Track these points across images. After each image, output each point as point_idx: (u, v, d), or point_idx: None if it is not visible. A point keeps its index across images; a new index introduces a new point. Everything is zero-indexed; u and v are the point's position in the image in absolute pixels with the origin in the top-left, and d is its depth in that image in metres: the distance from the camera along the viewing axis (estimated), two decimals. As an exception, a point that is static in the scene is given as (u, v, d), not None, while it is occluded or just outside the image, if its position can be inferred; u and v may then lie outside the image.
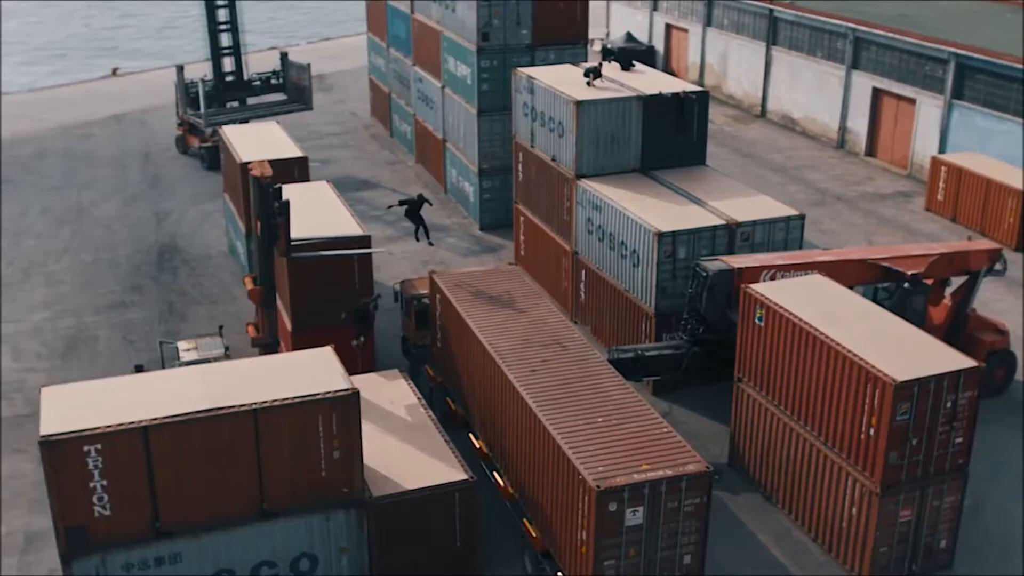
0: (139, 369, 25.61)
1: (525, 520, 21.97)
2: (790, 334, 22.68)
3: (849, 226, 41.51)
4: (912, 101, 47.07)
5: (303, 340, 26.21)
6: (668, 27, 66.59)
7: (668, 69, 64.08)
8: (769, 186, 43.90)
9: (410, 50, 48.15)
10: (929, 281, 27.81)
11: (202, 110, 46.46)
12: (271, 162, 33.03)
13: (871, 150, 50.33)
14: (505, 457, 23.00)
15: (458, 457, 21.89)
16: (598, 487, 18.61)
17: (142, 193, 45.80)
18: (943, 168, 41.88)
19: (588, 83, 32.43)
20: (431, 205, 31.03)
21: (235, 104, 49.01)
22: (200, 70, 49.94)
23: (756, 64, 57.86)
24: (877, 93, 49.37)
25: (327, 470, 19.72)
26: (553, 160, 33.20)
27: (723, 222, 28.29)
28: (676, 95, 31.86)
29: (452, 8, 41.61)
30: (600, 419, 20.62)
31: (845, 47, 50.73)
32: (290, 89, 49.81)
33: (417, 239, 29.73)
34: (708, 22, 62.07)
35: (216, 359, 25.16)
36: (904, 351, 21.17)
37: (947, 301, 28.60)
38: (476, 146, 40.47)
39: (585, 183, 31.34)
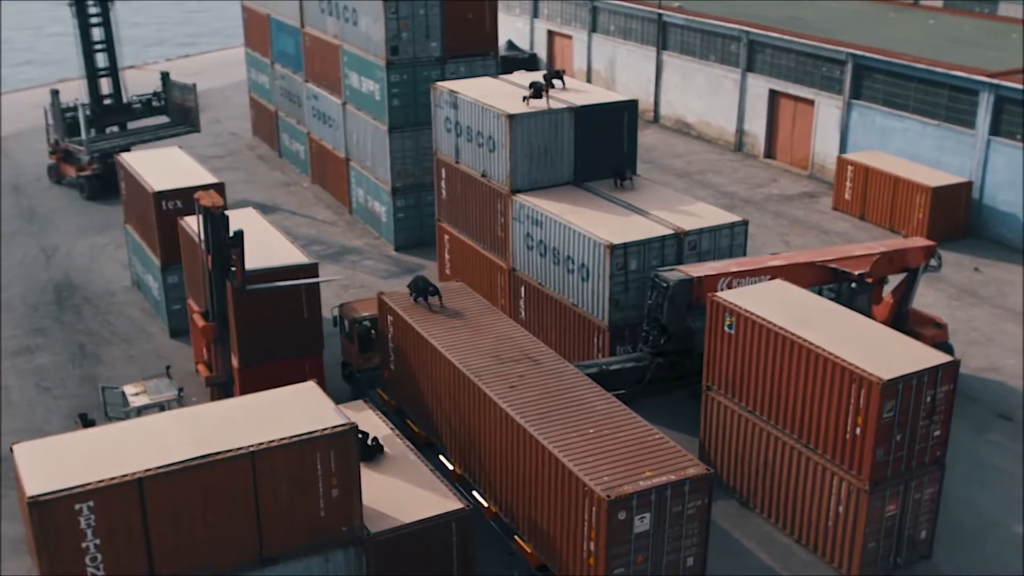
0: (83, 418, 25.03)
1: (516, 537, 22.41)
2: (765, 340, 23.84)
3: (762, 229, 43.40)
4: (810, 102, 49.60)
5: (252, 376, 26.08)
6: (551, 34, 68.07)
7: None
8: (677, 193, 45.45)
9: (301, 66, 47.97)
10: (869, 280, 29.54)
11: (83, 136, 45.11)
12: (186, 190, 33.06)
13: (770, 152, 52.74)
14: (488, 476, 23.39)
15: (447, 485, 22.21)
16: (608, 497, 19.22)
17: (20, 229, 44.14)
18: (849, 167, 44.32)
19: (524, 99, 33.04)
20: None
21: (115, 129, 47.78)
22: (69, 92, 48.50)
23: (646, 69, 59.77)
24: (774, 95, 51.81)
25: (326, 509, 19.77)
26: (483, 176, 33.75)
27: (671, 231, 29.39)
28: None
29: (353, 21, 41.74)
30: (592, 430, 21.28)
31: (739, 50, 53.03)
32: (174, 111, 48.90)
33: None
34: (593, 28, 63.76)
35: (170, 402, 24.72)
36: (880, 350, 22.58)
37: (888, 298, 30.42)
38: (388, 164, 40.68)
39: (522, 198, 32.01)
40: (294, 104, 50.00)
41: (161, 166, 35.09)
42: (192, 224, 30.12)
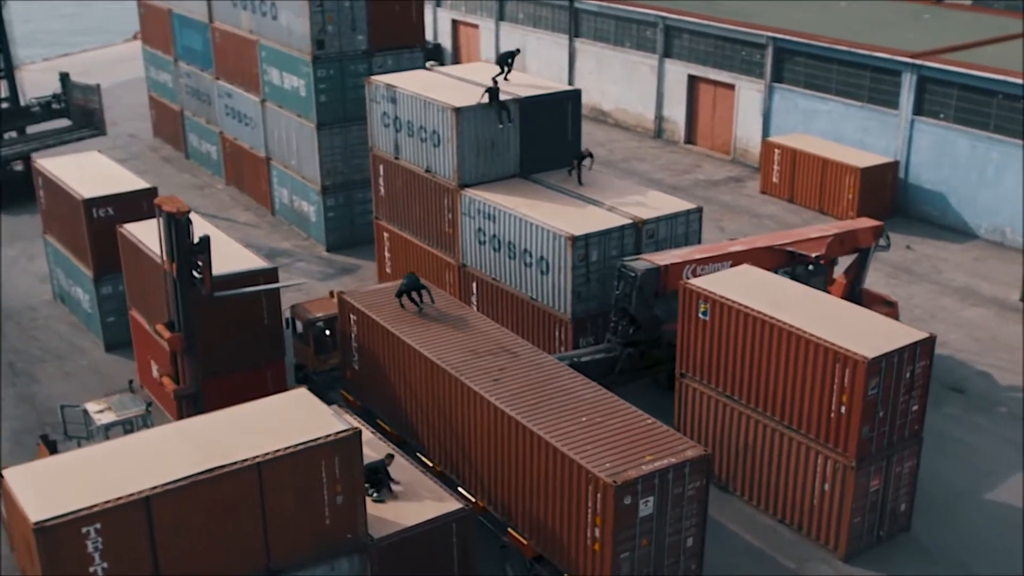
0: (44, 439, 24.65)
1: (510, 530, 22.99)
2: (742, 325, 24.87)
3: (695, 215, 44.67)
4: (731, 87, 51.22)
5: (216, 387, 25.98)
6: (455, 23, 68.53)
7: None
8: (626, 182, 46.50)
9: (210, 63, 47.42)
10: (823, 262, 30.91)
11: (-18, 143, 43.86)
12: (118, 196, 32.68)
13: (691, 138, 54.26)
14: (476, 471, 23.88)
15: (441, 485, 22.63)
16: (615, 482, 19.93)
17: (-83, 243, 42.67)
18: (776, 151, 45.99)
19: (502, 76, 33.96)
20: None
21: (13, 134, 46.51)
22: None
23: (559, 57, 60.73)
24: (693, 80, 53.31)
25: (331, 517, 19.98)
26: (428, 171, 34.09)
27: (630, 221, 30.26)
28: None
29: (272, 15, 41.52)
30: (584, 419, 22.00)
31: (656, 36, 54.38)
32: (76, 114, 47.88)
33: None
34: (501, 16, 64.44)
35: (139, 418, 24.52)
36: (858, 329, 23.83)
37: (841, 279, 31.88)
38: (317, 162, 40.66)
39: (472, 192, 32.48)
40: (203, 103, 49.38)
41: (85, 172, 34.44)
42: (135, 231, 29.83)
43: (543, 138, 34.02)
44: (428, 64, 39.87)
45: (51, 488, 18.26)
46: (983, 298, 36.68)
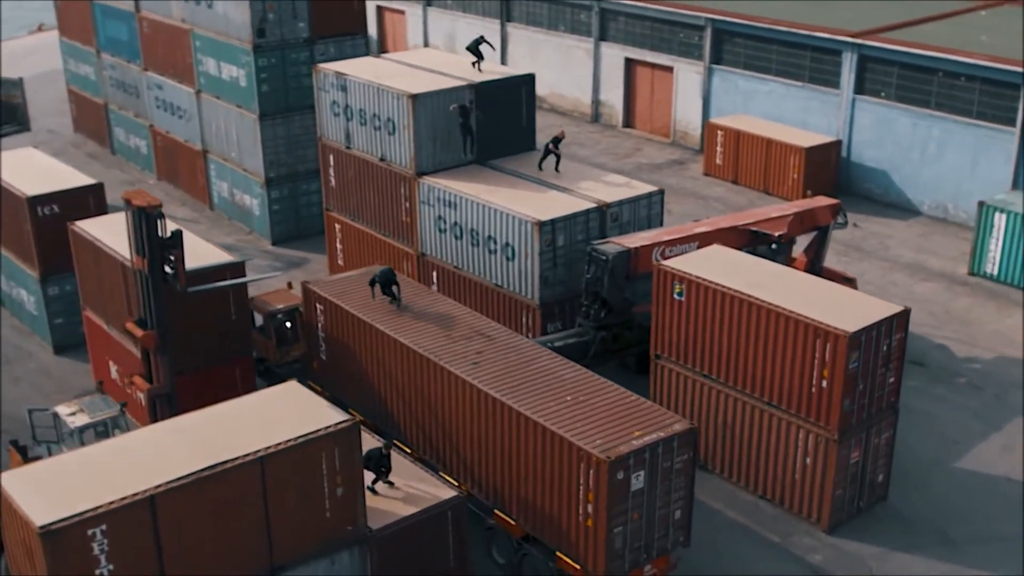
0: (15, 444, 24.40)
1: (497, 512, 23.52)
2: (720, 304, 25.65)
3: (641, 198, 45.52)
4: (669, 69, 52.18)
5: (185, 385, 25.94)
6: (380, 9, 68.44)
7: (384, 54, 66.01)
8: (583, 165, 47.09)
9: (138, 54, 46.85)
10: (784, 240, 31.92)
11: (-98, 142, 42.76)
12: (63, 192, 32.36)
13: (629, 121, 55.14)
14: (459, 455, 24.33)
15: (431, 472, 23.04)
16: (608, 458, 20.58)
17: None
18: (719, 132, 47.05)
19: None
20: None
21: (-68, 133, 45.47)
22: None
23: (491, 42, 60.96)
24: (630, 63, 54.17)
25: (331, 510, 20.21)
26: (382, 160, 34.29)
27: (594, 205, 30.87)
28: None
29: (208, 4, 41.23)
30: (569, 398, 22.66)
31: (591, 19, 55.11)
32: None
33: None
34: (428, 2, 64.59)
35: (114, 419, 24.41)
36: (835, 304, 24.78)
37: (801, 258, 32.92)
38: (260, 154, 40.54)
39: (430, 180, 32.79)
40: (130, 96, 48.76)
41: (24, 170, 33.94)
42: (89, 229, 29.57)
43: (499, 124, 34.47)
44: None
45: (51, 491, 18.19)
46: (932, 273, 38.13)
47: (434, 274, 33.60)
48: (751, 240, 30.80)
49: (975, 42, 42.72)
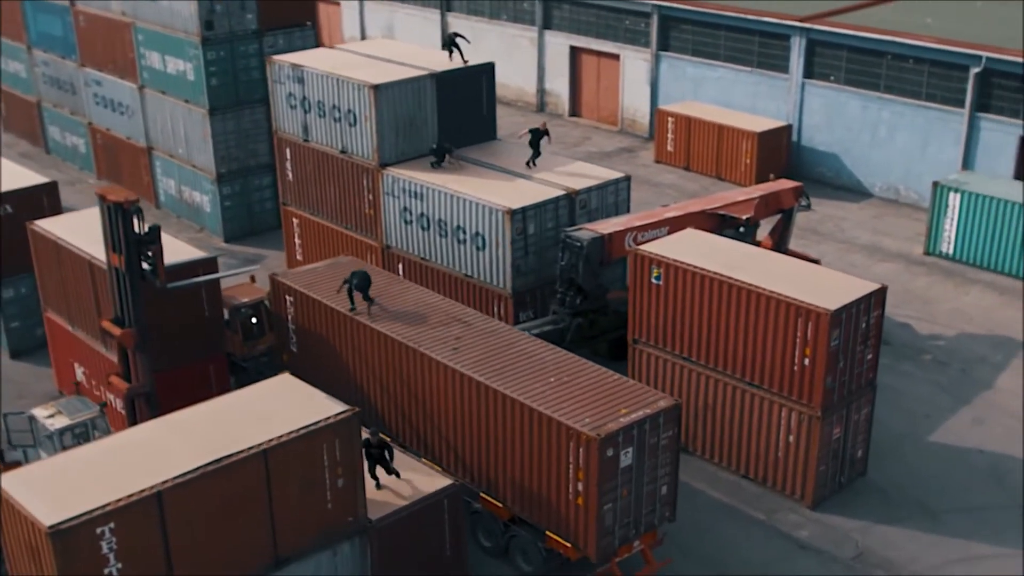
0: (-8, 449, 24.32)
1: (482, 495, 24.07)
2: (699, 287, 26.40)
3: (594, 187, 46.28)
4: (616, 57, 53.01)
5: (159, 384, 25.98)
6: (314, 1, 68.18)
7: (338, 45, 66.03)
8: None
9: (74, 49, 46.38)
10: (751, 223, 32.83)
11: None
12: (16, 192, 32.14)
13: (575, 110, 55.89)
14: (443, 440, 24.79)
15: (424, 461, 23.49)
16: (598, 436, 21.25)
17: None
18: (670, 119, 47.98)
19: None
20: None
21: None
22: None
23: (430, 33, 61.26)
24: (575, 52, 54.91)
25: (333, 501, 20.58)
26: (343, 152, 34.51)
27: (563, 192, 31.46)
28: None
29: (151, -4, 41.02)
30: (552, 379, 23.28)
31: (534, 8, 55.71)
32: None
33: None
34: (365, -8, 64.80)
35: (94, 419, 24.41)
36: (813, 283, 25.67)
37: (766, 241, 33.86)
38: (211, 149, 40.46)
39: (395, 171, 33.10)
40: (66, 93, 48.23)
41: (-29, 169, 33.59)
42: (50, 228, 29.42)
43: (460, 114, 34.90)
44: None
45: (54, 491, 18.33)
46: (889, 253, 39.42)
47: (400, 266, 33.91)
48: (719, 224, 31.62)
49: (921, 24, 44.13)
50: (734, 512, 26.04)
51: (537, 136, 33.27)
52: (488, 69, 35.80)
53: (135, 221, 23.76)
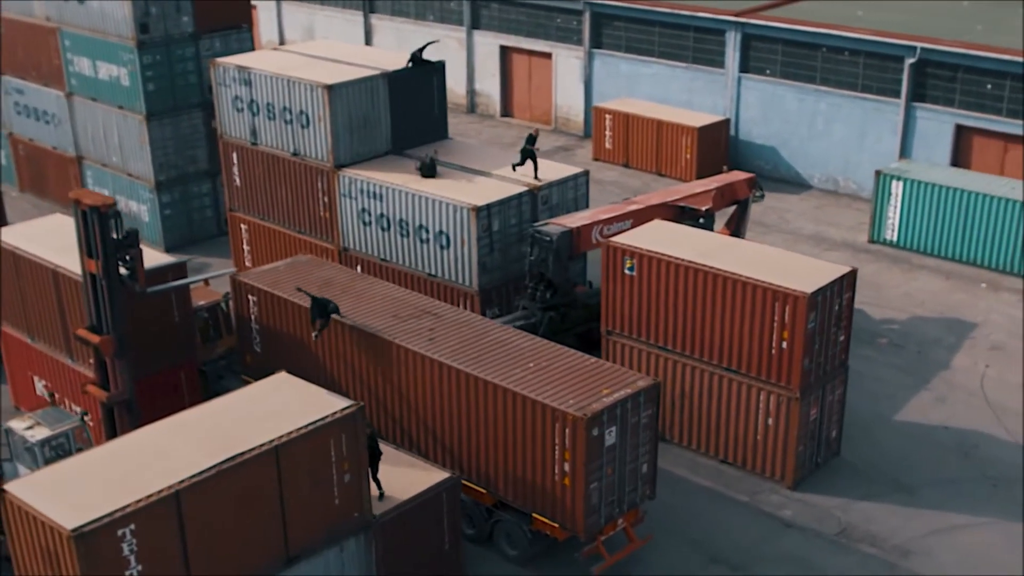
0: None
1: (465, 482, 24.85)
2: (674, 276, 27.54)
3: (535, 186, 47.35)
4: (548, 55, 54.18)
5: (137, 390, 26.24)
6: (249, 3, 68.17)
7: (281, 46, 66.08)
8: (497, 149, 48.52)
9: (-9, 56, 45.97)
10: (710, 213, 34.17)
11: None
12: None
13: (507, 110, 56.93)
14: (423, 430, 25.60)
15: (415, 455, 24.27)
16: (584, 415, 22.33)
17: None
18: (607, 116, 49.28)
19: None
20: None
21: None
22: None
23: (353, 35, 61.87)
24: (506, 51, 55.96)
25: (340, 497, 21.19)
26: (295, 155, 34.98)
27: (526, 188, 32.40)
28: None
29: None
30: (531, 364, 24.35)
31: (461, 8, 56.61)
32: None
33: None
34: (282, -6, 65.05)
35: (75, 428, 24.59)
36: (786, 268, 27.02)
37: (724, 231, 35.24)
38: (148, 157, 40.51)
39: (352, 172, 33.69)
40: (-18, 102, 47.72)
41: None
42: (5, 238, 29.41)
43: (412, 113, 35.64)
44: None
45: (68, 496, 18.62)
46: (835, 242, 41.18)
47: (358, 268, 34.39)
48: (679, 215, 32.87)
49: (853, 17, 46.13)
50: (718, 495, 27.22)
51: (531, 142, 33.26)
52: (439, 68, 36.60)
53: (112, 225, 24.07)
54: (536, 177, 32.70)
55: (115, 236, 24.23)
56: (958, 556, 24.90)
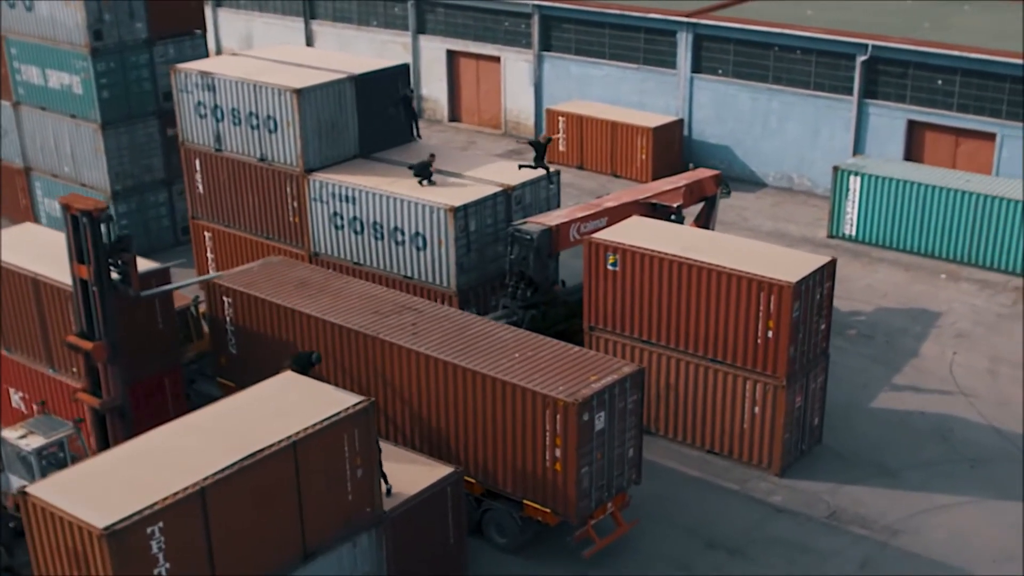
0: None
1: None
2: (658, 270, 28.56)
3: (491, 190, 48.29)
4: (496, 59, 55.16)
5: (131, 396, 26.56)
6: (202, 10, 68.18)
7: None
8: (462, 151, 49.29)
9: (-72, 66, 45.68)
10: (681, 210, 35.32)
11: None
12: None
13: (455, 115, 57.81)
14: (411, 423, 26.47)
15: (414, 450, 25.11)
16: (576, 401, 23.41)
17: None
18: (560, 119, 50.37)
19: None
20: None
21: None
22: None
23: (293, 42, 62.06)
24: (453, 56, 56.83)
25: (352, 492, 21.81)
26: (262, 160, 35.47)
27: (500, 189, 33.29)
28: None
29: (26, 5, 40.95)
30: (517, 354, 25.40)
31: (407, 12, 57.38)
32: None
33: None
34: (218, 2, 65.12)
35: (69, 436, 24.88)
36: (768, 259, 28.21)
37: (694, 226, 36.41)
38: (104, 166, 40.67)
39: (323, 176, 34.29)
40: (-80, 114, 47.35)
41: None
42: (-26, 246, 29.58)
43: (379, 116, 36.35)
44: None
45: (92, 496, 19.00)
46: (795, 238, 42.63)
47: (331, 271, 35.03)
48: (651, 212, 33.96)
49: (802, 16, 47.78)
50: (707, 484, 28.29)
51: (542, 150, 34.24)
52: (403, 71, 37.38)
53: (107, 230, 24.47)
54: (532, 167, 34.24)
55: (109, 240, 24.63)
56: (945, 533, 26.23)
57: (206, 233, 38.15)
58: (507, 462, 24.94)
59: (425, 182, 33.35)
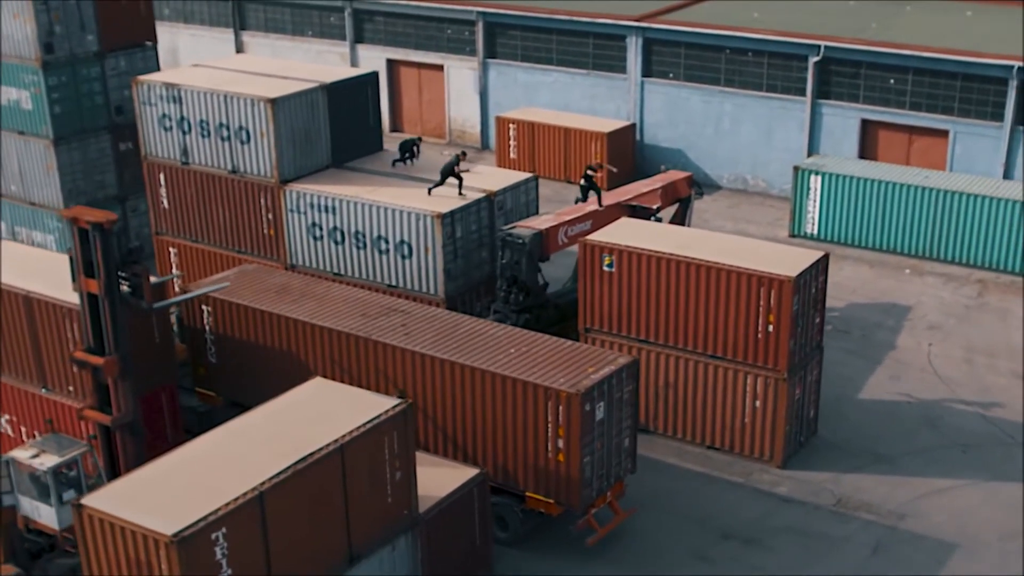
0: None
1: None
2: (656, 269, 29.88)
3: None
4: (439, 67, 56.23)
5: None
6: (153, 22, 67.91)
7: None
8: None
9: None
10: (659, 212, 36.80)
11: None
12: None
13: (396, 125, 58.65)
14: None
15: (435, 453, 26.12)
16: (578, 392, 24.74)
17: None
18: (511, 126, 51.60)
19: None
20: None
21: None
22: None
23: (223, 54, 62.24)
24: (393, 65, 57.75)
25: (392, 495, 22.73)
26: (233, 172, 36.03)
27: (483, 194, 34.37)
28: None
29: (-30, 20, 40.98)
30: (513, 350, 26.69)
31: (343, 22, 58.17)
32: None
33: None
34: (141, 14, 65.06)
35: (83, 453, 25.21)
36: (764, 255, 29.74)
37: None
38: (56, 183, 40.84)
39: (301, 187, 35.00)
40: None
41: None
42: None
43: (350, 125, 37.20)
44: None
45: (150, 505, 19.65)
46: (758, 239, 44.26)
47: (307, 285, 35.75)
48: (631, 214, 35.38)
49: (749, 19, 49.74)
50: (712, 479, 29.66)
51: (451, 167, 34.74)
52: (373, 79, 38.29)
53: (118, 242, 24.97)
54: (460, 193, 34.15)
55: (118, 254, 25.11)
56: (949, 515, 27.97)
57: (171, 249, 38.50)
58: (509, 456, 26.10)
59: (408, 163, 36.06)
